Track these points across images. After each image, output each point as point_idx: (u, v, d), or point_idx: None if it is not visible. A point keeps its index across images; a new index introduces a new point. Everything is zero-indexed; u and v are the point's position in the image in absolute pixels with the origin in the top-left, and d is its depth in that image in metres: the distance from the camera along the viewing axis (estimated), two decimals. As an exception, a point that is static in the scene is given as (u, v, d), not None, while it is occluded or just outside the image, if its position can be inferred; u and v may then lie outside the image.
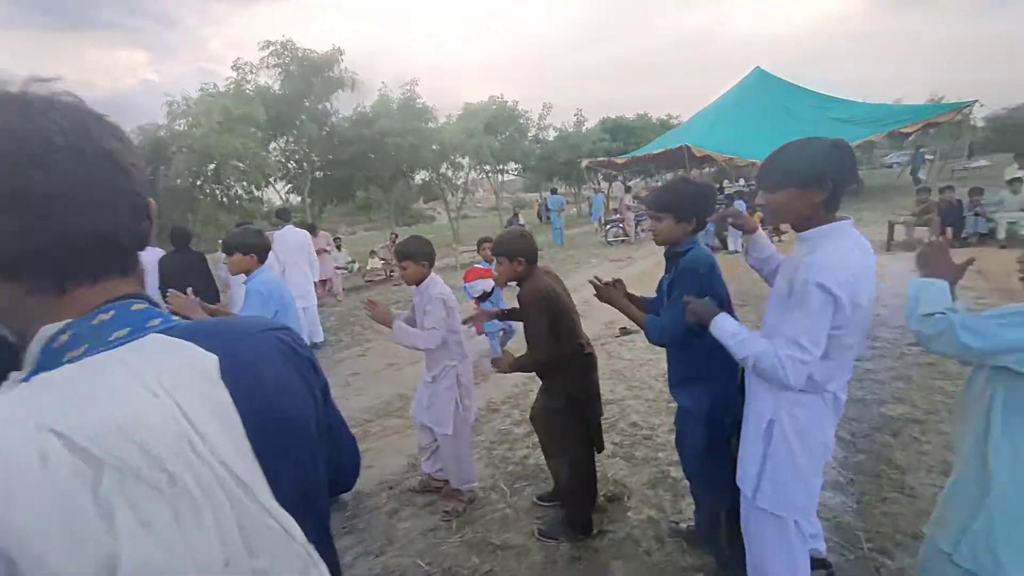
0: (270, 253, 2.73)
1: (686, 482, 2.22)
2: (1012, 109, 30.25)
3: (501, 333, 4.80)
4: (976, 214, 7.98)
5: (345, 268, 11.39)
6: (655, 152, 17.66)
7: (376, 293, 9.68)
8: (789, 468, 1.44)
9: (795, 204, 1.35)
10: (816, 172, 1.31)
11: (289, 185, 15.86)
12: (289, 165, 15.31)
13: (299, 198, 16.08)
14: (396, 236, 12.13)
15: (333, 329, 7.28)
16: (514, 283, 2.24)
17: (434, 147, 16.57)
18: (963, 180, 13.85)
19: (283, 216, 6.29)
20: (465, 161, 19.43)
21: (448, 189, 20.16)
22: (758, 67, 19.82)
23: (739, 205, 13.51)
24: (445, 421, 2.48)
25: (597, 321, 5.97)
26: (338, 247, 11.06)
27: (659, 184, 1.95)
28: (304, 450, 0.60)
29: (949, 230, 7.74)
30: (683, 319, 1.63)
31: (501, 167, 23.14)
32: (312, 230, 7.76)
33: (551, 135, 24.57)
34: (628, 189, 18.47)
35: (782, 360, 1.30)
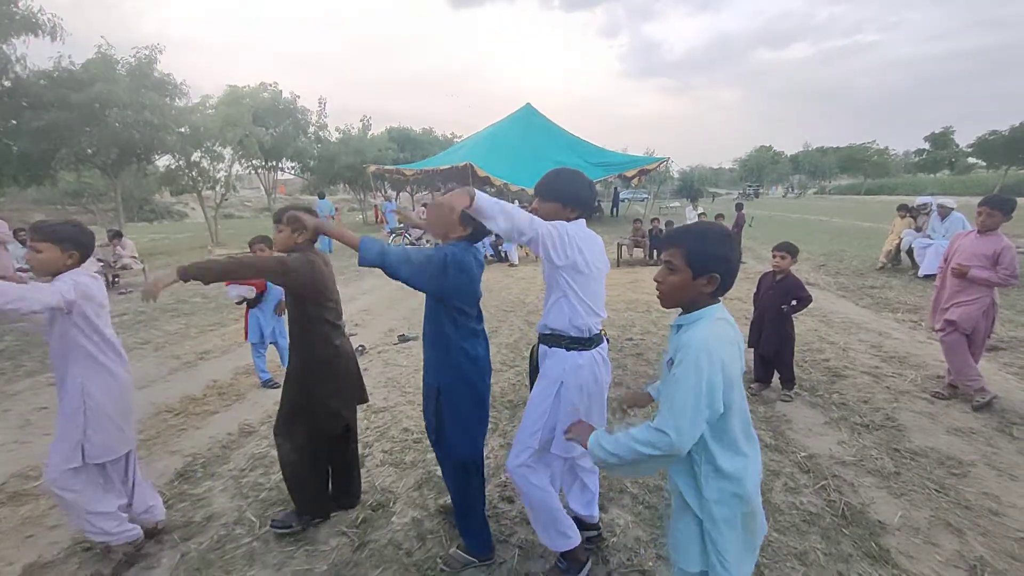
0: None
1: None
2: (692, 168, 43.49)
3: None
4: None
5: (29, 269, 8.38)
6: (442, 168, 18.38)
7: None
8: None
9: (557, 214, 1.88)
10: (575, 197, 1.89)
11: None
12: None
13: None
14: (118, 233, 9.53)
15: (9, 351, 5.35)
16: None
17: (182, 130, 13.71)
18: (666, 215, 18.47)
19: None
20: (227, 152, 16.64)
21: (204, 182, 16.82)
22: (528, 103, 22.62)
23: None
24: (61, 455, 1.92)
25: (375, 330, 5.83)
26: (22, 242, 7.92)
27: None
28: None
29: (655, 251, 10.15)
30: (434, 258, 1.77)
31: (274, 164, 20.65)
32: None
33: (333, 136, 23.13)
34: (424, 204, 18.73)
35: None
